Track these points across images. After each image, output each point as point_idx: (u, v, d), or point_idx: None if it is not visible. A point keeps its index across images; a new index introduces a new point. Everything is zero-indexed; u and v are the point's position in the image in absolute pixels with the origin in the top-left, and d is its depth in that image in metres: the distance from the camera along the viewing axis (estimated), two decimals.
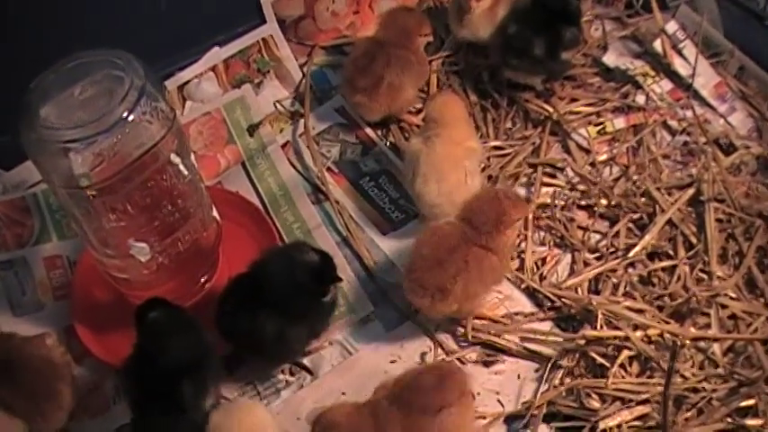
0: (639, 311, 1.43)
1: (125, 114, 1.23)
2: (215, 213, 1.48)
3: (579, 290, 1.50)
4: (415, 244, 1.43)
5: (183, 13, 1.76)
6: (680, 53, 1.78)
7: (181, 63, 1.82)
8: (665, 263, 1.51)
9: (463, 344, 1.47)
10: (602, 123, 1.73)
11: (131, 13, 1.71)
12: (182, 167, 1.35)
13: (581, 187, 1.64)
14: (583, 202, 1.62)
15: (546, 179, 1.66)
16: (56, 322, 1.54)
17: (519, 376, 1.43)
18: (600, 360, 1.39)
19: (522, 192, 1.64)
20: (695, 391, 1.35)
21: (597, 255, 1.55)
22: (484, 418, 1.39)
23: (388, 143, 1.75)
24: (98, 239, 1.36)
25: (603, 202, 1.60)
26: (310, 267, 1.36)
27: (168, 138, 1.30)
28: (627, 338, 1.38)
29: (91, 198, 1.28)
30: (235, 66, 1.84)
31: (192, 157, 1.40)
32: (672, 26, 1.80)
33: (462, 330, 1.47)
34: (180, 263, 1.43)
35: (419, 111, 1.77)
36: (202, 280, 1.51)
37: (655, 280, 1.50)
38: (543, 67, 1.72)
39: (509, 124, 1.75)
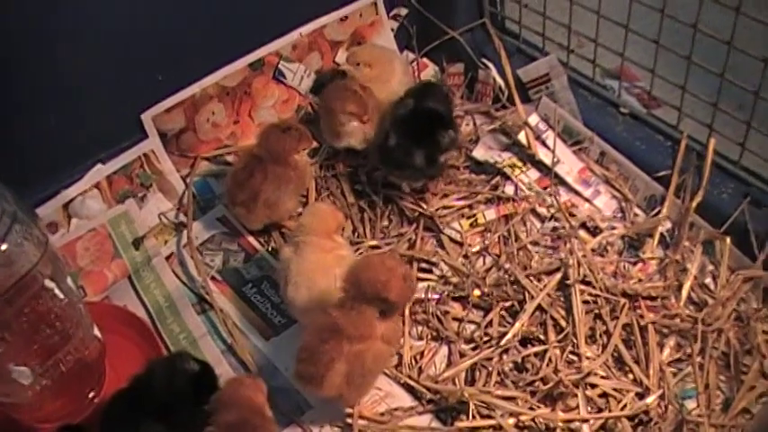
0: (511, 399, 1.47)
1: None
2: (96, 331, 1.49)
3: (456, 380, 1.53)
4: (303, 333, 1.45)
5: (66, 131, 1.77)
6: (543, 143, 1.86)
7: (65, 181, 1.82)
8: (537, 348, 1.55)
9: None
10: (474, 216, 1.79)
11: (15, 133, 1.72)
12: (57, 291, 1.37)
13: (454, 280, 1.69)
14: (457, 294, 1.66)
15: (421, 274, 1.70)
16: None
17: None
18: None
19: None
20: None
21: (473, 345, 1.59)
22: None
23: (269, 248, 1.79)
24: None
25: (477, 292, 1.65)
26: (189, 377, 1.39)
27: (42, 263, 1.32)
28: (500, 426, 1.43)
29: None
30: (118, 181, 1.86)
31: (69, 279, 1.42)
32: (534, 118, 1.88)
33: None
34: (64, 382, 1.43)
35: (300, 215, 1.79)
36: (90, 395, 1.51)
37: (528, 365, 1.54)
38: (422, 173, 1.76)
39: (385, 222, 1.80)
